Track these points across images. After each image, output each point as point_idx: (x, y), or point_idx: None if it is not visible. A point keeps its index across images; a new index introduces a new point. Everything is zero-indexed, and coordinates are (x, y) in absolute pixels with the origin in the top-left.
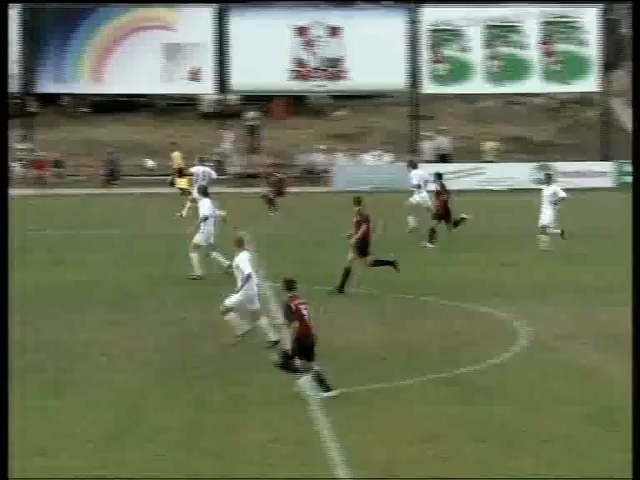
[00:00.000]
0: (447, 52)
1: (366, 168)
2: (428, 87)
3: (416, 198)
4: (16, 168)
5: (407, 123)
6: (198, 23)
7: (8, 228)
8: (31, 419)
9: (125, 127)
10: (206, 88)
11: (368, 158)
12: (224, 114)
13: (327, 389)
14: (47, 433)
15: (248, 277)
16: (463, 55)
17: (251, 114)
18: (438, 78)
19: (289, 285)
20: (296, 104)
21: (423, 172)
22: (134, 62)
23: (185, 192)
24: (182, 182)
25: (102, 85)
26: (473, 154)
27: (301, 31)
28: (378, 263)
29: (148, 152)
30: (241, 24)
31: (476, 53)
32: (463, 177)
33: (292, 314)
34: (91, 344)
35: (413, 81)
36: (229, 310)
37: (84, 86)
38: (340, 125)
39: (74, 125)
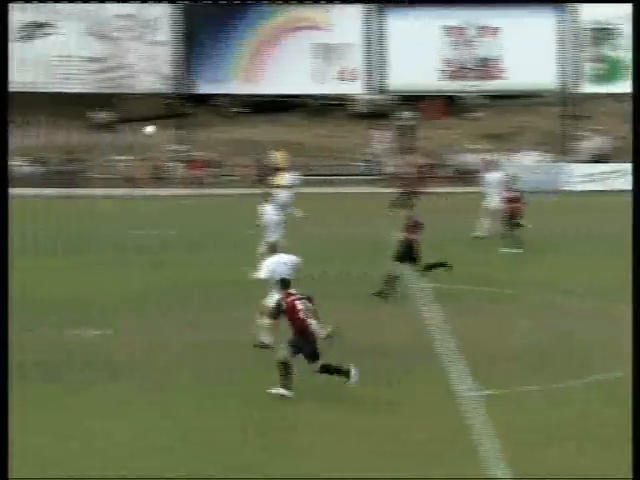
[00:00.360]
0: (603, 51)
1: (518, 168)
2: (584, 86)
3: (492, 203)
4: (173, 168)
5: (560, 123)
6: (349, 23)
7: (8, 228)
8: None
9: (278, 127)
10: (357, 88)
11: (521, 158)
12: (376, 114)
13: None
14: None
15: (260, 279)
16: (618, 54)
17: (405, 114)
18: (594, 77)
19: (284, 284)
20: (448, 104)
21: (500, 175)
22: (287, 62)
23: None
24: (275, 181)
25: (256, 85)
26: (629, 154)
27: (453, 31)
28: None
29: (301, 152)
30: (393, 24)
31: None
32: (620, 177)
33: (280, 312)
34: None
35: (567, 80)
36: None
37: (238, 86)
38: (492, 125)
39: (228, 125)
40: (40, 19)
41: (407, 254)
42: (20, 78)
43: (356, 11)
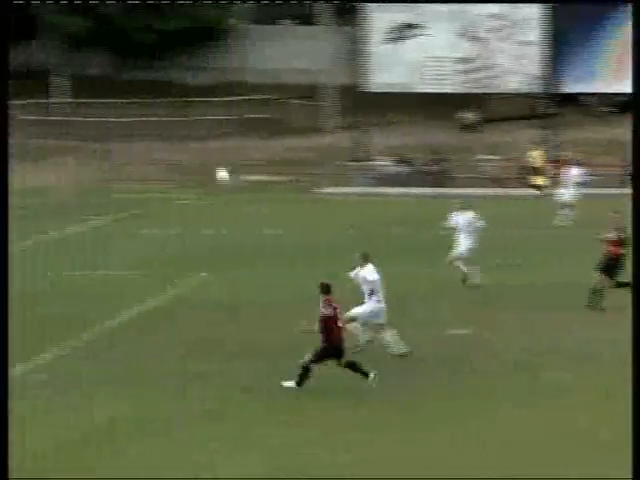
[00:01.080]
0: None
1: None
2: None
3: None
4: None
5: None
6: None
7: (8, 228)
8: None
9: None
10: None
11: None
12: None
13: (366, 375)
14: None
15: (372, 292)
16: None
17: None
18: None
19: (325, 289)
20: None
21: None
22: None
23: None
24: (537, 180)
25: (625, 84)
26: None
27: None
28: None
29: None
30: None
31: None
32: None
33: (324, 318)
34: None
35: None
36: (352, 320)
37: (606, 85)
38: None
39: (596, 125)
40: (411, 20)
41: (611, 267)
42: (389, 79)
43: None
